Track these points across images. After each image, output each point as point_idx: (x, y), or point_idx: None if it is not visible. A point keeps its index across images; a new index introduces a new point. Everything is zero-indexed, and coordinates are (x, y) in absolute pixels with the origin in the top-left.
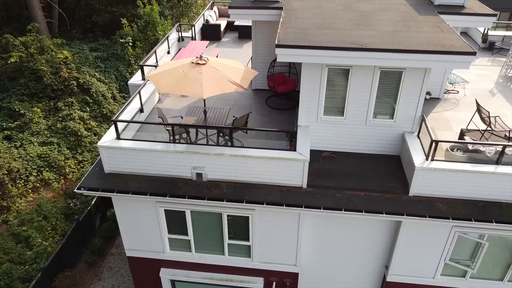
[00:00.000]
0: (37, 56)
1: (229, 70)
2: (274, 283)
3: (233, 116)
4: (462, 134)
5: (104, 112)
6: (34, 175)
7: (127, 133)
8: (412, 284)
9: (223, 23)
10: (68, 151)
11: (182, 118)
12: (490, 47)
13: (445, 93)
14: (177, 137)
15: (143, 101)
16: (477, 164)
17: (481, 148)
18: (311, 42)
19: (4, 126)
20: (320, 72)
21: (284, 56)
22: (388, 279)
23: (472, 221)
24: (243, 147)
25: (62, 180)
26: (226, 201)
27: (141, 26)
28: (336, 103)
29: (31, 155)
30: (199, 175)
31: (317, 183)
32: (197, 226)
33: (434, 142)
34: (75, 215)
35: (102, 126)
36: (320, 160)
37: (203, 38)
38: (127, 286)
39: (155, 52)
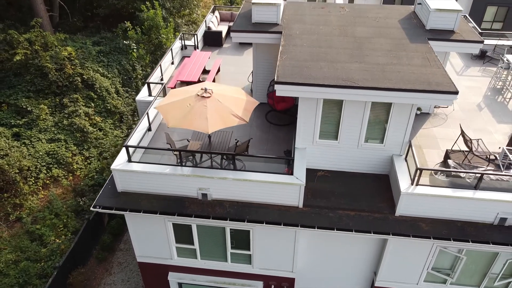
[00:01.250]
0: (41, 53)
1: (231, 102)
2: (273, 286)
3: (236, 140)
4: (447, 155)
5: (108, 107)
6: (43, 172)
7: (137, 154)
8: None
9: (224, 28)
10: (75, 147)
11: (188, 141)
12: (482, 55)
13: (435, 107)
14: (184, 159)
15: (150, 119)
16: (457, 189)
17: (462, 174)
18: (307, 79)
19: (13, 123)
20: (316, 103)
21: (283, 91)
22: (376, 284)
23: (451, 240)
24: (245, 170)
25: (71, 177)
26: (229, 220)
27: (145, 29)
28: (330, 128)
29: (40, 152)
30: (204, 195)
31: (312, 203)
32: (202, 237)
33: (418, 170)
34: (85, 213)
35: (107, 121)
36: (315, 179)
37: (205, 44)
38: (136, 280)
39: (160, 66)
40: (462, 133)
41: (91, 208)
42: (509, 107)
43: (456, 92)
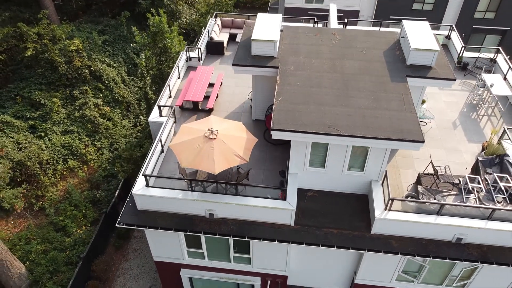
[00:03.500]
0: (50, 46)
1: (234, 143)
2: (269, 281)
3: (238, 167)
4: (419, 178)
5: (116, 97)
6: (61, 164)
7: (152, 175)
8: (374, 286)
9: (225, 36)
10: (87, 138)
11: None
12: (464, 67)
13: None
14: (193, 184)
15: (163, 141)
16: (423, 215)
17: (427, 203)
18: (298, 126)
19: (28, 116)
20: (306, 143)
21: (278, 135)
22: (356, 281)
23: (415, 256)
24: (245, 195)
25: (85, 167)
26: (232, 237)
27: (151, 34)
28: (318, 159)
29: (56, 145)
30: (211, 214)
31: (302, 222)
32: (209, 244)
33: (390, 200)
34: (101, 204)
35: (115, 111)
36: (305, 199)
37: (208, 53)
38: (150, 266)
39: (168, 86)
40: (432, 163)
41: (116, 225)
42: (480, 125)
43: (422, 141)
